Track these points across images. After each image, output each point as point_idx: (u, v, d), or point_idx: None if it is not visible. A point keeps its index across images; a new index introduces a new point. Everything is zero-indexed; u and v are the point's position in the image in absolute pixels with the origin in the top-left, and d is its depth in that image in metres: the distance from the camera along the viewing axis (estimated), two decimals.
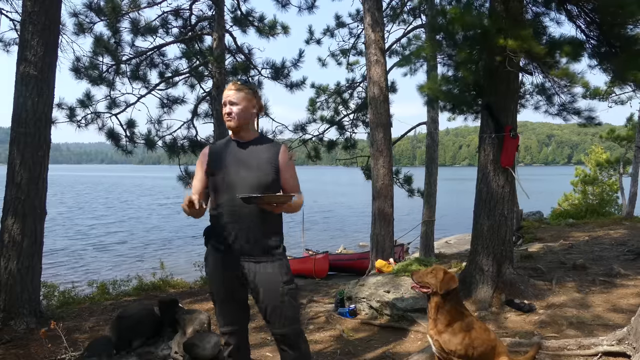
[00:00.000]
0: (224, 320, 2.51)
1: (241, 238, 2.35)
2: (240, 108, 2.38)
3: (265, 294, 2.36)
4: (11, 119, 4.64)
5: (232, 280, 2.42)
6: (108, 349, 3.39)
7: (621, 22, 4.45)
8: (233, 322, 2.50)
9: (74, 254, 15.13)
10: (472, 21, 4.35)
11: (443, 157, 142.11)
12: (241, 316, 2.54)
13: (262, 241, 2.36)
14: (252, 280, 2.37)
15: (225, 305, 2.48)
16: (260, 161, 2.38)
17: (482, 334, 2.68)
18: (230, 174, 2.37)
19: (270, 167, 2.38)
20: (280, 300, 2.36)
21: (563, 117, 5.49)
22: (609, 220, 11.94)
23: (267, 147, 2.44)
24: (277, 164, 2.40)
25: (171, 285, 7.31)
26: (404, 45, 11.74)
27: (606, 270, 5.65)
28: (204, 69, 8.51)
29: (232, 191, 2.33)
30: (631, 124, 15.41)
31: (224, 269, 2.41)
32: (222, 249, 2.40)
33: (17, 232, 4.48)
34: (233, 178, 2.36)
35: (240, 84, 2.44)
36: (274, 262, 2.39)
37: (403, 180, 10.77)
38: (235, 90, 2.40)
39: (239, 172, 2.36)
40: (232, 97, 2.38)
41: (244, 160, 2.39)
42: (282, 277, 2.38)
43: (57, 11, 4.81)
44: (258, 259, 2.37)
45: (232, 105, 2.38)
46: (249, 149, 2.42)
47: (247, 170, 2.36)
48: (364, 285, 4.85)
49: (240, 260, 2.37)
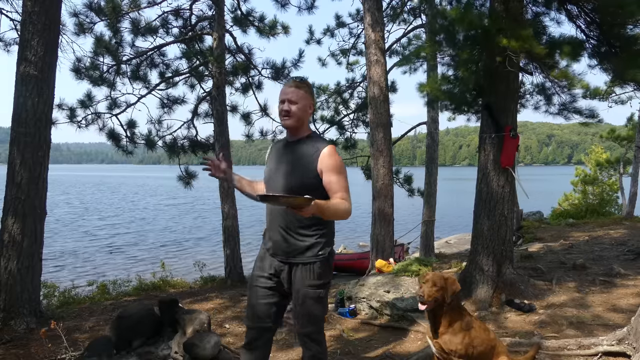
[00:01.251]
0: (248, 314, 2.52)
1: (276, 237, 2.39)
2: (298, 107, 2.33)
3: (293, 294, 2.41)
4: (11, 119, 4.64)
5: (263, 275, 2.45)
6: (108, 349, 3.39)
7: (621, 22, 4.45)
8: (256, 319, 2.47)
9: (84, 256, 15.09)
10: (472, 21, 4.35)
11: (443, 157, 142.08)
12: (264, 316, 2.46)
13: (297, 243, 2.35)
14: (284, 280, 2.42)
15: (252, 299, 2.49)
16: (301, 162, 2.33)
17: (481, 333, 2.68)
18: (271, 174, 2.42)
19: (306, 169, 2.30)
20: (303, 303, 2.37)
21: (564, 116, 5.49)
22: (609, 220, 11.94)
23: (311, 147, 2.34)
24: (315, 166, 2.29)
25: (171, 285, 7.31)
26: (404, 45, 11.74)
27: (606, 270, 5.65)
28: (204, 69, 8.50)
29: (271, 191, 2.38)
30: (631, 124, 15.41)
31: (263, 263, 2.47)
32: (265, 246, 2.48)
33: (17, 232, 4.48)
34: (272, 178, 2.40)
35: (299, 82, 2.38)
36: (306, 264, 2.35)
37: (403, 180, 10.77)
38: (295, 87, 2.34)
39: (276, 170, 2.39)
40: (292, 95, 2.32)
41: (284, 159, 2.39)
42: (311, 280, 2.35)
43: (57, 11, 4.81)
44: (291, 261, 2.38)
45: (291, 103, 2.33)
46: (294, 147, 2.40)
47: (283, 170, 2.36)
48: (364, 285, 4.85)
49: (275, 258, 2.42)
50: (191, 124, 8.87)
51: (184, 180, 8.72)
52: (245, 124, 9.36)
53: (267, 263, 2.45)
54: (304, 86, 2.37)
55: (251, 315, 2.50)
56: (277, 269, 2.42)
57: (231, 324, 4.65)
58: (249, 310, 2.53)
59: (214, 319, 4.78)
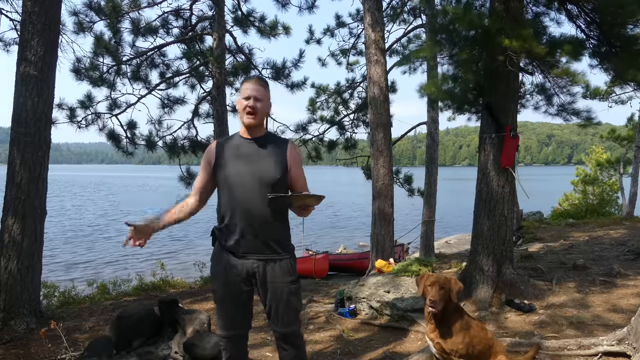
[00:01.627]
0: (223, 323, 2.44)
1: (249, 236, 2.31)
2: (263, 105, 2.33)
3: (272, 293, 2.35)
4: (11, 119, 4.65)
5: (238, 281, 2.36)
6: (108, 349, 3.40)
7: (621, 22, 4.45)
8: (234, 326, 2.43)
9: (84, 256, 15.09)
10: (473, 21, 4.35)
11: (443, 157, 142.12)
12: (243, 321, 2.46)
13: (271, 239, 2.33)
14: (260, 279, 2.35)
15: (226, 307, 2.41)
16: (267, 158, 2.34)
17: (479, 332, 2.68)
18: (238, 171, 2.32)
19: (277, 165, 2.33)
20: (286, 300, 2.35)
21: (563, 117, 5.50)
22: (609, 220, 11.94)
23: (275, 144, 2.39)
24: (285, 161, 2.35)
25: (171, 285, 7.31)
26: (404, 45, 11.74)
27: (606, 270, 5.65)
28: (205, 69, 8.50)
29: (238, 188, 2.30)
30: (631, 124, 15.42)
31: (230, 268, 2.36)
32: (229, 247, 2.35)
33: (17, 232, 4.48)
34: (240, 175, 2.31)
35: (262, 80, 2.38)
36: (282, 260, 2.36)
37: (403, 180, 10.77)
38: (260, 86, 2.33)
39: (246, 169, 2.32)
40: (258, 93, 2.31)
41: (251, 157, 2.34)
42: (289, 276, 2.36)
43: (57, 11, 4.82)
44: (266, 258, 2.33)
45: (257, 101, 2.31)
46: (258, 145, 2.37)
47: (254, 167, 2.32)
48: (364, 285, 4.85)
49: (247, 259, 2.34)
50: (191, 124, 8.87)
51: (185, 180, 8.72)
52: None
53: (238, 266, 2.35)
54: (266, 86, 2.38)
55: (231, 324, 2.42)
56: (251, 269, 2.34)
57: None
58: (226, 319, 2.42)
59: (214, 319, 4.77)
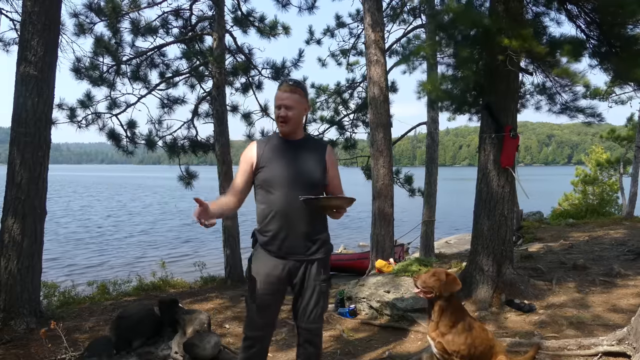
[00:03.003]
0: (258, 324, 2.42)
1: (291, 237, 2.34)
2: (295, 112, 2.33)
3: (307, 291, 2.39)
4: (11, 119, 4.64)
5: (278, 282, 2.38)
6: (108, 349, 3.40)
7: (621, 22, 4.45)
8: (266, 326, 2.45)
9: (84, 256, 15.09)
10: (473, 20, 4.35)
11: (443, 157, 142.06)
12: (274, 322, 2.51)
13: (312, 240, 2.37)
14: (300, 278, 2.39)
15: (264, 307, 2.41)
16: (309, 160, 2.39)
17: (481, 333, 2.68)
18: (282, 173, 2.34)
19: (318, 166, 2.39)
20: (317, 298, 2.40)
21: (568, 114, 5.49)
22: (609, 220, 11.94)
23: (314, 147, 2.45)
24: (324, 163, 2.41)
25: (171, 285, 7.31)
26: (404, 45, 11.73)
27: (606, 270, 5.65)
28: (204, 69, 8.49)
29: (282, 189, 2.31)
30: (631, 124, 15.42)
31: (272, 269, 2.37)
32: (271, 248, 2.37)
33: (17, 232, 4.48)
34: (285, 177, 2.33)
35: (294, 85, 2.35)
36: (320, 259, 2.41)
37: (403, 180, 10.77)
38: (290, 92, 2.32)
39: (289, 170, 2.34)
40: (288, 101, 2.31)
41: (294, 159, 2.37)
42: (322, 274, 2.41)
43: (57, 11, 4.82)
44: (306, 258, 2.37)
45: (288, 109, 2.31)
46: (298, 148, 2.41)
47: (298, 169, 2.35)
48: (364, 285, 4.85)
49: (289, 259, 2.36)
50: (191, 124, 8.86)
51: (185, 180, 8.71)
52: (246, 124, 9.36)
53: (280, 267, 2.36)
54: (298, 89, 2.35)
55: (262, 324, 2.43)
56: (292, 270, 2.38)
57: (231, 324, 4.65)
58: (257, 320, 2.42)
59: (214, 319, 4.78)
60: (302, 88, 2.37)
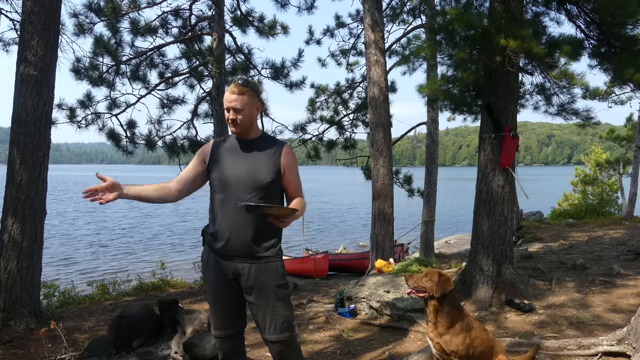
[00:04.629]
0: (215, 323, 2.42)
1: (235, 238, 2.28)
2: (244, 114, 2.27)
3: (257, 297, 2.31)
4: (11, 119, 4.64)
5: (226, 281, 2.34)
6: (108, 349, 3.40)
7: (621, 22, 4.45)
8: (226, 326, 2.40)
9: (84, 256, 15.08)
10: (472, 20, 4.35)
11: (443, 157, 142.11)
12: (235, 320, 2.43)
13: (256, 242, 2.29)
14: (245, 282, 2.31)
15: (218, 306, 2.39)
16: (260, 161, 2.31)
17: (481, 333, 2.68)
18: (228, 173, 2.30)
19: (270, 168, 2.30)
20: (273, 305, 2.30)
21: (563, 117, 5.50)
22: (609, 220, 11.96)
23: (269, 146, 2.36)
24: (278, 164, 2.32)
25: (171, 285, 7.32)
26: (404, 45, 11.75)
27: (606, 270, 5.65)
28: (204, 69, 8.50)
29: (227, 190, 2.28)
30: (631, 124, 15.42)
31: (218, 269, 2.34)
32: (216, 248, 2.33)
33: (17, 232, 4.48)
34: (229, 177, 2.29)
35: (241, 86, 2.26)
36: (268, 263, 2.32)
37: (403, 180, 10.78)
38: (237, 94, 2.24)
39: (236, 171, 2.29)
40: (236, 103, 2.24)
41: (243, 160, 2.32)
42: (275, 280, 2.31)
43: (57, 11, 4.81)
44: (252, 261, 2.30)
45: (237, 112, 2.25)
46: (251, 147, 2.35)
47: (245, 170, 2.29)
48: (364, 285, 4.85)
49: (233, 260, 2.31)
50: (191, 124, 8.86)
51: None
52: None
53: (225, 267, 2.32)
54: (247, 90, 2.27)
55: (223, 323, 2.39)
56: (235, 271, 2.31)
57: None
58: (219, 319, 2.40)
59: None
60: (251, 87, 2.29)
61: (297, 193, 2.38)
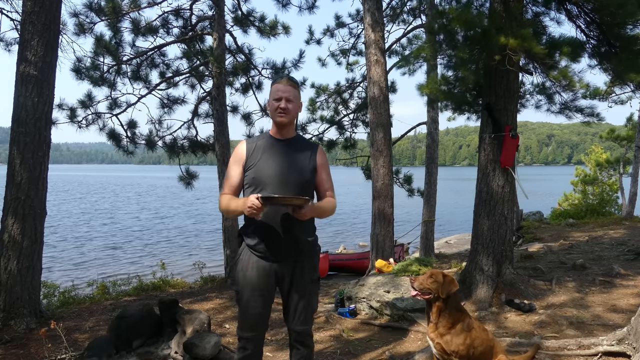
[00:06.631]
0: (246, 325, 2.41)
1: (278, 238, 2.31)
2: (294, 106, 2.36)
3: (296, 293, 2.38)
4: (11, 119, 4.65)
5: (266, 282, 2.35)
6: (108, 349, 3.40)
7: (621, 22, 4.45)
8: (257, 328, 2.42)
9: (84, 256, 15.08)
10: (472, 20, 4.35)
11: (443, 157, 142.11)
12: (265, 322, 2.47)
13: (299, 240, 2.35)
14: (288, 279, 2.37)
15: (253, 308, 2.38)
16: (299, 160, 2.38)
17: (481, 333, 2.68)
18: (268, 172, 2.32)
19: (307, 167, 2.38)
20: (307, 299, 2.40)
21: (566, 115, 5.49)
22: (609, 220, 11.96)
23: (305, 147, 2.45)
24: (314, 163, 2.40)
25: (171, 285, 7.32)
26: (404, 45, 11.76)
27: (606, 270, 5.65)
28: (205, 69, 8.49)
29: (271, 188, 2.30)
30: (631, 124, 15.42)
31: (259, 270, 2.34)
32: (258, 250, 2.34)
33: (17, 232, 4.48)
34: (270, 176, 2.31)
35: (294, 81, 2.39)
36: (308, 260, 2.41)
37: (403, 180, 10.78)
38: (290, 87, 2.35)
39: (277, 169, 2.33)
40: (289, 94, 2.33)
41: (283, 158, 2.36)
42: (312, 275, 2.42)
43: (57, 11, 4.81)
44: (294, 259, 2.36)
45: (288, 102, 2.33)
46: (289, 146, 2.40)
47: (286, 168, 2.34)
48: (364, 285, 4.85)
49: (276, 261, 2.34)
50: (191, 124, 8.86)
51: (185, 180, 8.72)
52: (246, 124, 9.37)
53: (267, 269, 2.34)
54: (297, 86, 2.40)
55: (252, 325, 2.40)
56: (280, 272, 2.35)
57: (231, 324, 4.65)
58: (248, 320, 2.40)
59: (214, 319, 4.78)
60: (299, 86, 2.42)
61: (329, 193, 2.44)
